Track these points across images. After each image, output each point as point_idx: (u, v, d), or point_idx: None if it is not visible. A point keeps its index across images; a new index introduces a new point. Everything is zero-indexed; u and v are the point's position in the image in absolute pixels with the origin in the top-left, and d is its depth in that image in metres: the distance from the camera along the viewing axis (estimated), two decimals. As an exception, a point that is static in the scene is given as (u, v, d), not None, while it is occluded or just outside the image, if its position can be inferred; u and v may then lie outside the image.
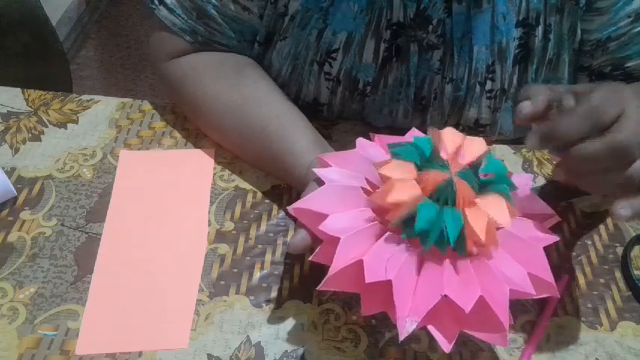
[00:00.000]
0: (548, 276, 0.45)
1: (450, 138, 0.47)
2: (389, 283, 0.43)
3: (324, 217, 0.46)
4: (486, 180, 0.46)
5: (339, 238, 0.44)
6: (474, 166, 0.46)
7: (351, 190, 0.48)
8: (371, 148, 0.52)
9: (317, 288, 0.44)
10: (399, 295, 0.42)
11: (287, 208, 0.49)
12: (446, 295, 0.43)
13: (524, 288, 0.44)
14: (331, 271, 0.44)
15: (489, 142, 0.49)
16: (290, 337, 0.53)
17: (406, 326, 0.42)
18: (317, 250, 0.47)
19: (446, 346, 0.44)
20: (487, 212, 0.43)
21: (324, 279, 0.44)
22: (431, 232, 0.43)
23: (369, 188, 0.49)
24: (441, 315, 0.44)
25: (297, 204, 0.48)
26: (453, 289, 0.43)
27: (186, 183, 0.65)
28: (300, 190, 0.54)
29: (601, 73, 0.66)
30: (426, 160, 0.46)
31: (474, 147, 0.47)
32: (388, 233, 0.45)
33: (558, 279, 0.56)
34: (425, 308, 0.42)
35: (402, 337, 0.42)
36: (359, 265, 0.43)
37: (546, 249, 0.46)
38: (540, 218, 0.49)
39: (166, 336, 0.52)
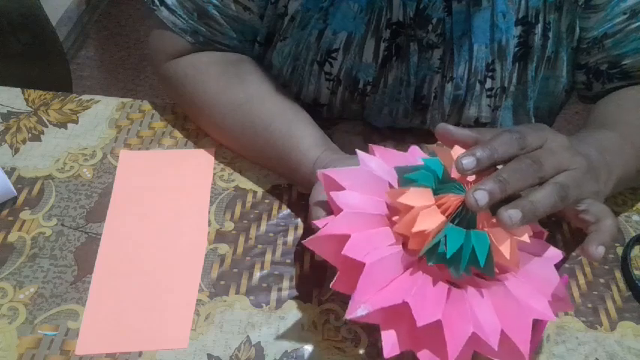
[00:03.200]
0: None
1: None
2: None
3: (344, 242, 0.44)
4: None
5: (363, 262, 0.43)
6: None
7: (373, 217, 0.46)
8: (372, 162, 0.50)
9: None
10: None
11: (302, 242, 0.47)
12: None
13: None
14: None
15: None
16: (290, 337, 0.53)
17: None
18: (336, 276, 0.45)
19: None
20: (508, 231, 0.42)
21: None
22: (462, 257, 0.42)
23: (387, 213, 0.48)
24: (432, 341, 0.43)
25: (317, 235, 0.46)
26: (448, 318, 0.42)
27: (186, 183, 0.65)
28: (305, 187, 0.53)
29: (598, 70, 0.66)
30: (440, 182, 0.45)
31: None
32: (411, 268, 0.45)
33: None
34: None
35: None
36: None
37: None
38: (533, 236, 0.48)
39: (166, 336, 0.52)
